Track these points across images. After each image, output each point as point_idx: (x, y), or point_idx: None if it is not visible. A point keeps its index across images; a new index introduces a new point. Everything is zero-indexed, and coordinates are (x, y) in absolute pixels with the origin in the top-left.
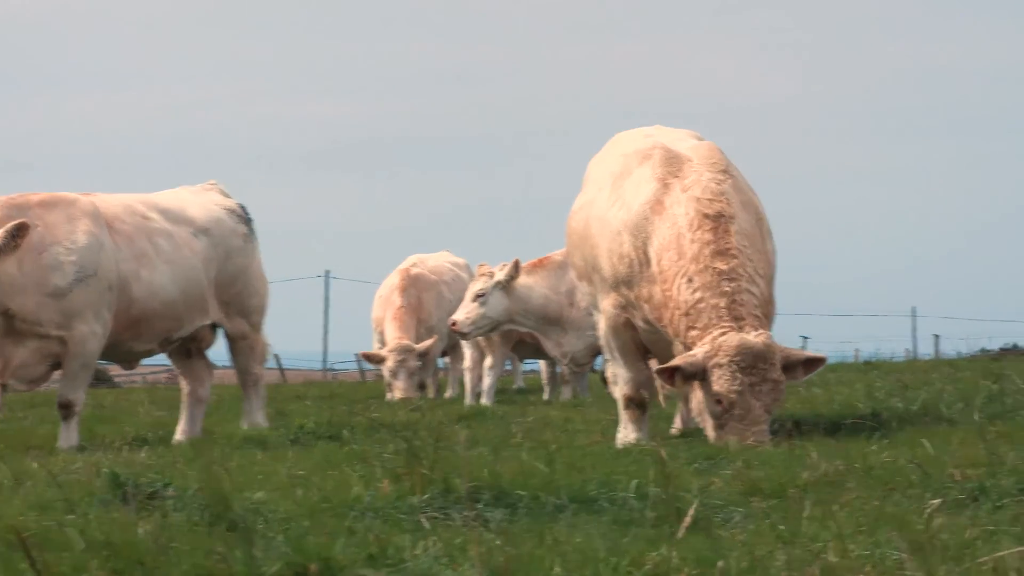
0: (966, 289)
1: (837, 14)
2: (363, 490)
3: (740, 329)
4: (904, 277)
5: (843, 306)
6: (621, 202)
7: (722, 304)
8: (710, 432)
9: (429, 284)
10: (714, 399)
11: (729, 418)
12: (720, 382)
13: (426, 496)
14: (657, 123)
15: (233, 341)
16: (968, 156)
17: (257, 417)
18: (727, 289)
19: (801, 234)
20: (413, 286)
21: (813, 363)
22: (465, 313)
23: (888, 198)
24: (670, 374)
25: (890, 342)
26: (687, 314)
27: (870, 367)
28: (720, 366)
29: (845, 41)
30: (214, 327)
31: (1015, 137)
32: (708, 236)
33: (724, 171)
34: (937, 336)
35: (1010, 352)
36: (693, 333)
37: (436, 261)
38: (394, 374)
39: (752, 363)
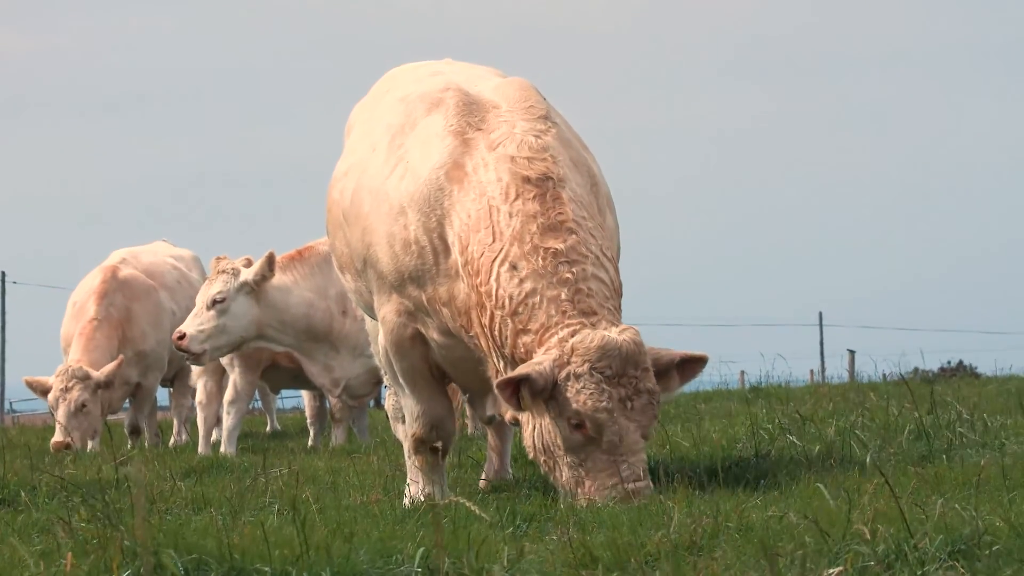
0: (890, 291)
1: None
2: (41, 569)
3: (594, 326)
4: (807, 275)
5: (724, 314)
6: (404, 167)
7: (563, 295)
8: (562, 477)
9: (143, 290)
10: (571, 423)
11: (594, 449)
12: (580, 397)
13: (126, 574)
14: (446, 56)
15: None
16: (877, 140)
17: None
18: (567, 276)
19: (661, 224)
20: (119, 291)
21: (691, 365)
22: (198, 325)
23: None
24: (514, 389)
25: (788, 360)
26: (515, 313)
27: (757, 394)
28: (578, 376)
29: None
30: None
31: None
32: (533, 207)
33: (544, 118)
34: (852, 352)
35: (951, 372)
36: (526, 339)
37: (153, 257)
38: (53, 408)
39: (621, 369)
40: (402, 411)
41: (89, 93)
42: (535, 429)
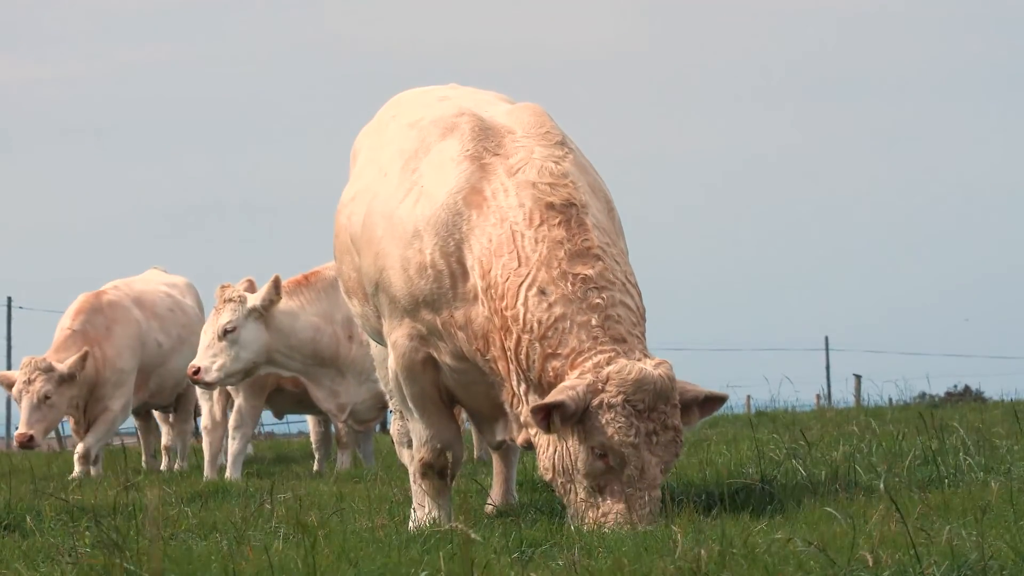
0: (897, 316)
1: None
2: None
3: (626, 355)
4: (813, 299)
5: (730, 338)
6: (418, 191)
7: (593, 321)
8: (576, 499)
9: (125, 316)
10: (596, 453)
11: (612, 479)
12: (609, 429)
13: None
14: (452, 82)
15: None
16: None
17: None
18: (597, 302)
19: (666, 248)
20: (101, 312)
21: (711, 404)
22: (211, 357)
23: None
24: (546, 414)
25: (794, 385)
26: (544, 337)
27: (763, 418)
28: (610, 407)
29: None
30: None
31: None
32: (559, 232)
33: (561, 144)
34: (858, 377)
35: (958, 397)
36: (555, 364)
37: (144, 285)
38: (17, 400)
39: (652, 404)
40: (407, 436)
41: (88, 119)
42: (555, 451)
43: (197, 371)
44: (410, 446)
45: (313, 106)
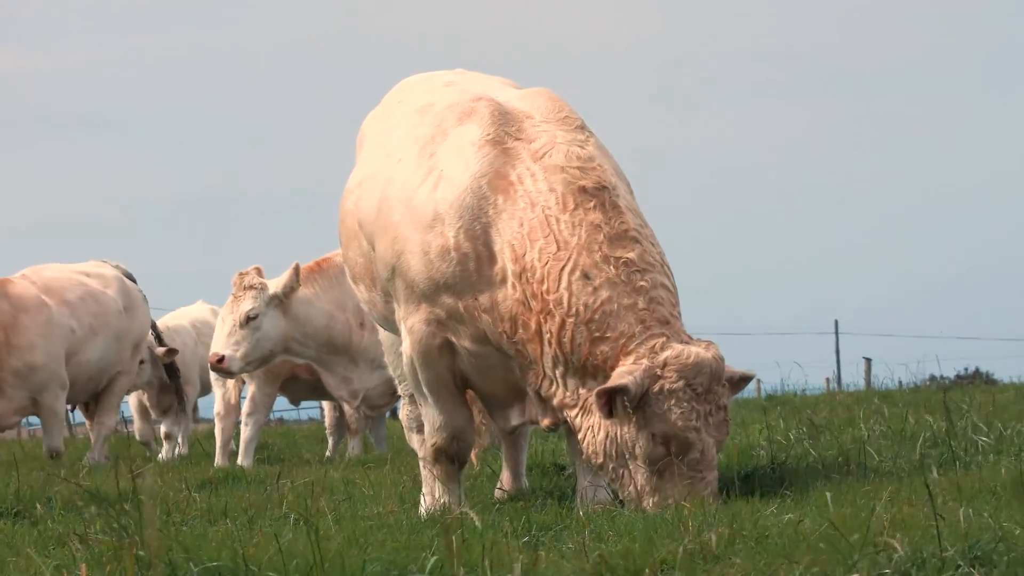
0: (906, 299)
1: None
2: None
3: (674, 338)
4: (823, 283)
5: (739, 322)
6: (437, 176)
7: (639, 304)
8: (630, 484)
9: (34, 304)
10: (657, 440)
11: (670, 463)
12: (672, 416)
13: None
14: (459, 67)
15: None
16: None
17: None
18: (642, 284)
19: (682, 230)
20: (5, 299)
21: (740, 383)
22: (234, 345)
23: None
24: (608, 399)
25: (803, 369)
26: (590, 321)
27: (773, 402)
28: (671, 392)
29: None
30: None
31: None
32: (596, 216)
33: (582, 128)
34: (868, 359)
35: (968, 379)
36: (603, 348)
37: (57, 272)
38: None
39: (708, 386)
40: (416, 421)
41: (93, 110)
42: (607, 435)
43: (221, 359)
44: (420, 431)
45: (315, 96)
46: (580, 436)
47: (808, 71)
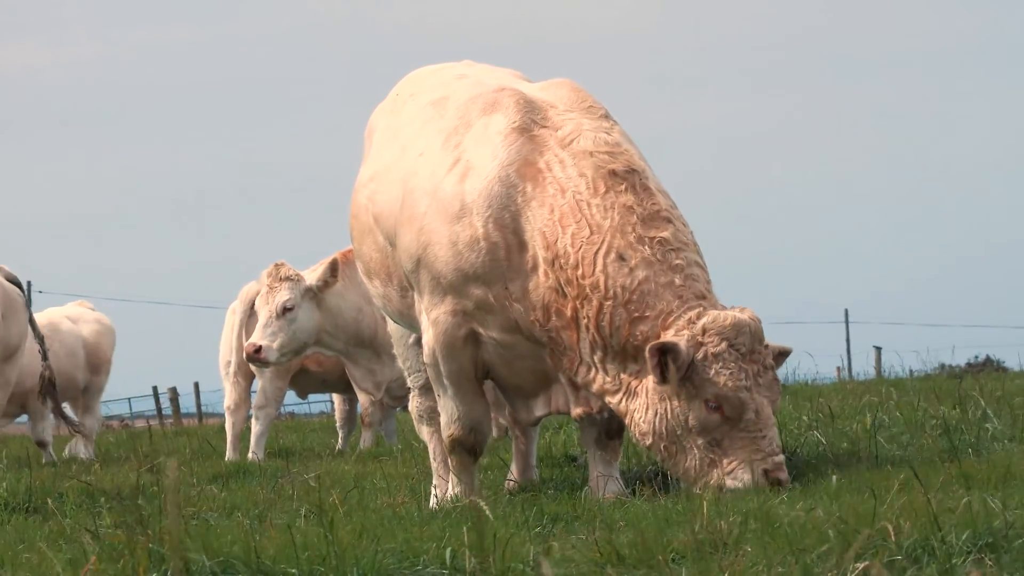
0: (917, 287)
1: None
2: (69, 575)
3: (712, 308)
4: (833, 272)
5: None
6: (463, 166)
7: (677, 281)
8: (687, 461)
9: None
10: (710, 406)
11: (729, 428)
12: (721, 378)
13: None
14: (466, 59)
15: None
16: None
17: None
18: (678, 262)
19: (689, 219)
20: None
21: (781, 356)
22: (271, 334)
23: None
24: (659, 357)
25: (814, 357)
26: (628, 302)
27: (784, 391)
28: (716, 356)
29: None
30: None
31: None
32: (628, 198)
33: (606, 116)
34: (878, 348)
35: (979, 367)
36: (643, 327)
37: None
38: None
39: (752, 346)
40: (426, 412)
41: (104, 104)
42: (656, 414)
43: (258, 349)
44: (429, 423)
45: (320, 88)
46: (627, 421)
47: (820, 54)
